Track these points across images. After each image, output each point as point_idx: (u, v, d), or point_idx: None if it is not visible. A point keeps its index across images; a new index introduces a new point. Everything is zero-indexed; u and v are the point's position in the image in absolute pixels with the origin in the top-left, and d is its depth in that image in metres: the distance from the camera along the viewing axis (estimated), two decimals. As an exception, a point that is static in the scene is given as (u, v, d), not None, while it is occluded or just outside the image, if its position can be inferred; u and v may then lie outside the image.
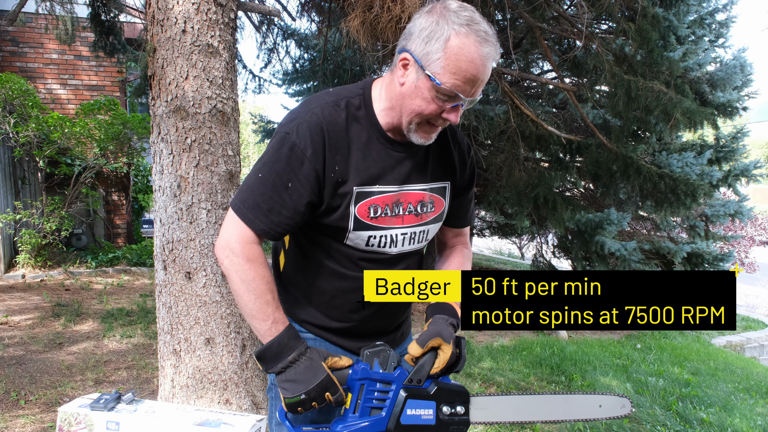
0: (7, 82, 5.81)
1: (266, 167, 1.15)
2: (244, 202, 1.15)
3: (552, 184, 6.63)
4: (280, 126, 1.19)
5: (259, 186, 1.14)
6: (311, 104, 1.18)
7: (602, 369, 4.56)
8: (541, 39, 5.00)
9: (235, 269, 1.14)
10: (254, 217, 1.13)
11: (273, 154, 1.14)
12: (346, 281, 1.27)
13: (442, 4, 1.10)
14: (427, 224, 1.30)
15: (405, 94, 1.13)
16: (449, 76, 1.06)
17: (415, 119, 1.15)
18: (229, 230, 1.15)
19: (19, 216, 6.02)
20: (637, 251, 6.82)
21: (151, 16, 2.32)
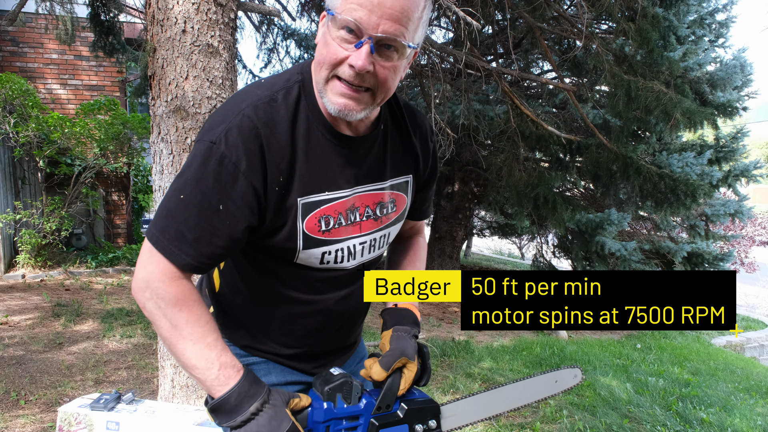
0: (7, 82, 5.81)
1: (189, 186, 0.90)
2: (164, 231, 0.91)
3: (552, 184, 6.63)
4: (202, 132, 0.94)
5: (182, 210, 0.90)
6: (241, 103, 0.94)
7: (602, 369, 4.56)
8: (541, 39, 5.00)
9: (161, 314, 0.92)
10: (178, 251, 0.91)
11: (197, 170, 0.90)
12: (299, 306, 1.10)
13: None
14: (387, 227, 1.14)
15: (317, 52, 0.94)
16: (344, 3, 0.87)
17: (321, 75, 0.93)
18: (147, 267, 0.92)
19: (19, 216, 6.03)
20: (637, 251, 6.83)
21: (151, 16, 2.32)
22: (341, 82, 0.92)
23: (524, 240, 11.87)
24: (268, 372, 1.15)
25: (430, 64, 5.85)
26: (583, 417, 3.36)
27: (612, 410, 3.56)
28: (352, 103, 0.93)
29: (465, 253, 13.90)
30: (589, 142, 5.95)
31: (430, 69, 5.42)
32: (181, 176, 0.93)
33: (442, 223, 8.56)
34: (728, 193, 8.59)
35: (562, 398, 3.72)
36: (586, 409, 3.53)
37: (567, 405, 3.57)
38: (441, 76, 5.19)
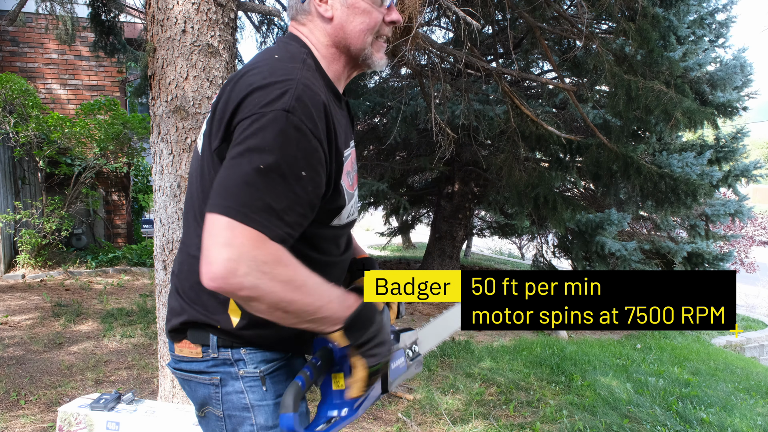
0: (7, 82, 5.81)
1: (269, 155, 0.88)
2: (248, 205, 0.86)
3: (552, 184, 6.64)
4: (267, 100, 0.91)
5: (265, 180, 0.87)
6: (287, 72, 0.96)
7: (602, 369, 4.56)
8: (541, 39, 5.00)
9: (269, 279, 0.86)
10: (268, 222, 0.87)
11: (276, 139, 0.88)
12: (335, 269, 1.14)
13: None
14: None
15: (342, 23, 1.04)
16: None
17: (368, 39, 1.05)
18: (234, 244, 0.85)
19: (19, 216, 6.03)
20: (637, 251, 6.83)
21: (151, 16, 2.32)
22: (381, 41, 1.08)
23: (524, 240, 11.87)
24: (287, 377, 1.12)
25: (430, 64, 5.85)
26: (583, 417, 3.36)
27: (612, 410, 3.56)
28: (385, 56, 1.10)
29: (465, 253, 13.90)
30: (589, 142, 5.96)
31: (430, 69, 5.42)
32: (254, 149, 0.88)
33: (442, 223, 8.56)
34: (728, 193, 8.60)
35: (562, 398, 3.72)
36: (586, 409, 3.53)
37: (567, 405, 3.57)
38: (441, 76, 5.19)
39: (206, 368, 1.08)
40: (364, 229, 17.68)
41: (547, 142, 6.03)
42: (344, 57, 1.08)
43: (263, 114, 0.90)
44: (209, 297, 1.05)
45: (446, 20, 7.02)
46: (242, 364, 1.07)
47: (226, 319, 1.05)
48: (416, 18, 3.40)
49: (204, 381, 1.09)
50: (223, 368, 1.07)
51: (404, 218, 11.51)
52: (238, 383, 1.07)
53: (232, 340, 1.06)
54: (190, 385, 1.13)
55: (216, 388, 1.08)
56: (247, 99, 0.93)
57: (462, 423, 3.09)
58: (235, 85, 0.97)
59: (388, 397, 3.39)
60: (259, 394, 1.06)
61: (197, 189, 1.07)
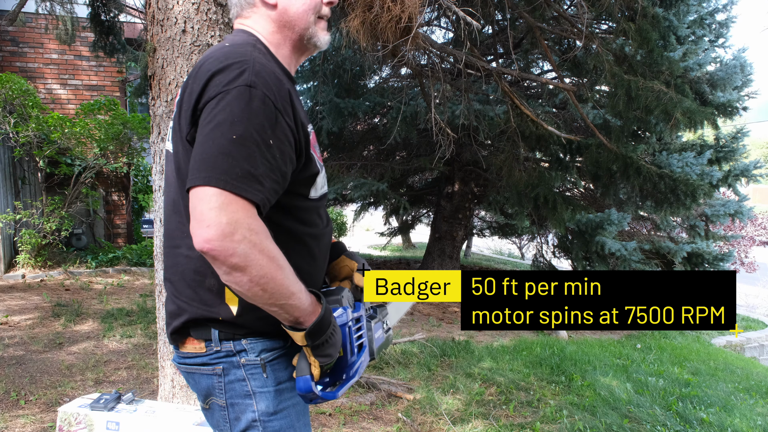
0: (7, 82, 5.81)
1: (240, 126, 0.93)
2: (229, 172, 0.91)
3: (552, 184, 6.64)
4: (228, 80, 0.97)
5: (241, 149, 0.92)
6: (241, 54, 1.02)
7: (602, 369, 4.56)
8: (541, 39, 5.01)
9: (258, 250, 0.91)
10: (249, 188, 0.92)
11: (244, 110, 0.94)
12: (322, 241, 1.19)
13: None
14: None
15: (286, 6, 1.13)
16: None
17: (311, 19, 1.14)
18: (229, 210, 0.90)
19: (19, 216, 6.03)
20: (637, 251, 6.83)
21: (151, 16, 2.32)
22: (322, 20, 1.17)
23: (524, 240, 11.87)
24: (287, 365, 1.16)
25: (430, 64, 5.85)
26: (583, 417, 3.36)
27: (612, 410, 3.56)
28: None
29: (465, 253, 13.90)
30: (589, 142, 5.96)
31: (430, 69, 5.42)
32: (223, 122, 0.94)
33: (442, 223, 8.56)
34: (728, 193, 8.60)
35: (562, 398, 3.72)
36: (586, 409, 3.53)
37: (567, 405, 3.57)
38: (441, 76, 5.19)
39: (209, 360, 1.11)
40: (364, 229, 17.67)
41: (547, 142, 6.03)
42: (290, 41, 1.16)
43: (227, 91, 0.96)
44: (206, 291, 1.08)
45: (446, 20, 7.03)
46: (244, 353, 1.10)
47: (225, 310, 1.08)
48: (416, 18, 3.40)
49: (207, 372, 1.12)
50: (225, 359, 1.10)
51: (404, 218, 11.52)
52: (239, 371, 1.10)
53: (233, 332, 1.09)
54: (194, 377, 1.15)
55: (219, 377, 1.11)
56: (209, 83, 0.99)
57: (462, 423, 3.09)
58: (195, 77, 1.03)
59: (388, 397, 3.40)
60: (260, 381, 1.10)
61: (176, 189, 1.11)
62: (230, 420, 1.12)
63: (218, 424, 1.15)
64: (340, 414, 3.07)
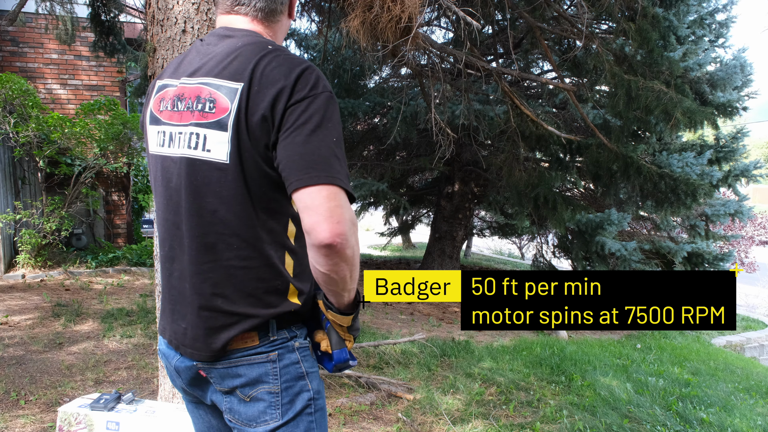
0: (7, 82, 5.81)
1: (337, 129, 1.05)
2: (342, 173, 1.03)
3: (552, 184, 6.64)
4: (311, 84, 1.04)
5: (341, 151, 1.05)
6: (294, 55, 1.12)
7: (602, 369, 4.56)
8: (541, 39, 5.00)
9: (357, 242, 1.06)
10: (350, 189, 1.05)
11: (334, 114, 1.05)
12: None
13: None
14: None
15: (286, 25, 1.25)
16: None
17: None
18: (348, 209, 1.02)
19: (19, 216, 6.02)
20: (637, 251, 6.83)
21: (151, 16, 2.32)
22: None
23: (524, 240, 11.87)
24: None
25: (430, 64, 5.85)
26: (583, 417, 3.36)
27: (612, 410, 3.56)
28: None
29: (465, 253, 13.90)
30: (589, 142, 5.96)
31: (430, 69, 5.42)
32: (321, 123, 1.01)
33: (442, 223, 8.56)
34: (728, 193, 8.60)
35: (562, 398, 3.72)
36: (586, 409, 3.53)
37: (567, 405, 3.57)
38: (441, 76, 5.19)
39: (264, 349, 1.14)
40: (364, 229, 17.68)
41: (547, 142, 6.03)
42: None
43: (316, 96, 1.03)
44: (271, 294, 1.14)
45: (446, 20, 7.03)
46: (296, 338, 1.18)
47: (289, 305, 1.16)
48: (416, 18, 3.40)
49: (260, 360, 1.14)
50: (281, 345, 1.16)
51: (404, 218, 11.52)
52: (294, 355, 1.17)
53: (290, 321, 1.17)
54: (240, 370, 1.14)
55: (273, 364, 1.14)
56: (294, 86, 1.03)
57: (462, 423, 3.09)
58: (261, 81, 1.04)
59: (388, 397, 3.40)
60: (310, 362, 1.19)
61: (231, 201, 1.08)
62: (282, 405, 1.14)
63: (260, 415, 1.14)
64: (340, 414, 3.07)
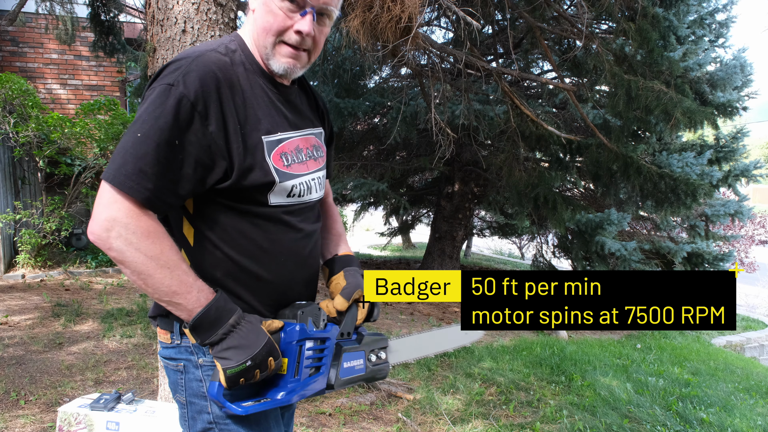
0: (7, 82, 5.81)
1: (147, 125, 0.94)
2: (121, 168, 0.93)
3: (552, 184, 6.64)
4: (158, 77, 1.00)
5: (140, 147, 0.94)
6: (191, 54, 1.02)
7: (602, 369, 4.56)
8: (541, 39, 5.00)
9: (134, 249, 0.94)
10: (137, 185, 0.93)
11: (155, 110, 0.95)
12: (289, 252, 1.15)
13: None
14: (323, 169, 1.26)
15: (256, 18, 1.08)
16: None
17: (269, 40, 1.07)
18: (112, 207, 0.94)
19: (19, 216, 6.02)
20: (637, 251, 6.83)
21: (151, 16, 2.32)
22: (287, 46, 1.08)
23: (524, 240, 11.86)
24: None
25: (430, 64, 5.85)
26: (583, 417, 3.36)
27: (612, 410, 3.56)
28: (297, 62, 1.10)
29: (465, 253, 13.90)
30: (589, 142, 5.96)
31: (430, 69, 5.42)
32: (137, 120, 0.96)
33: (442, 223, 8.56)
34: (728, 193, 8.60)
35: (562, 398, 3.72)
36: (586, 409, 3.53)
37: (567, 405, 3.57)
38: (441, 76, 5.19)
39: (174, 354, 1.13)
40: (364, 229, 17.67)
41: (547, 142, 6.03)
42: (261, 50, 1.11)
43: (153, 89, 0.99)
44: None
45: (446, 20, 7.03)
46: (201, 353, 1.09)
47: None
48: (416, 18, 3.40)
49: (172, 367, 1.14)
50: (185, 355, 1.11)
51: (404, 218, 11.51)
52: (197, 371, 1.10)
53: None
54: (167, 372, 1.17)
55: (181, 374, 1.12)
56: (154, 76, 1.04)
57: (462, 423, 3.09)
58: None
59: (388, 397, 3.39)
60: None
61: None
62: (188, 418, 1.12)
63: (180, 422, 1.15)
64: (340, 414, 3.07)
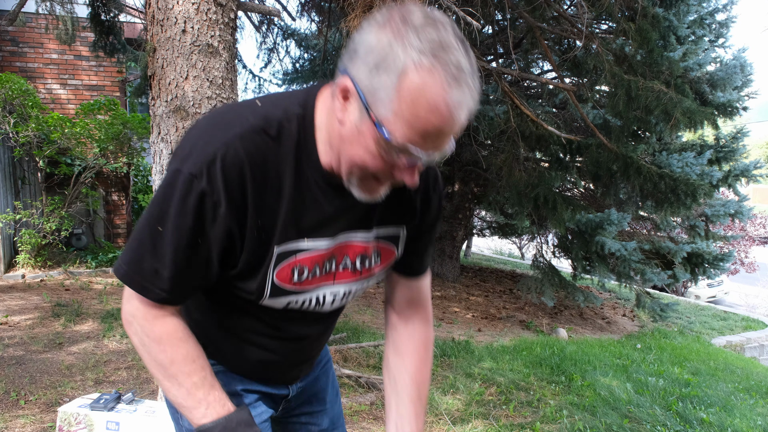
0: (7, 82, 5.81)
1: (166, 220, 0.83)
2: (137, 266, 0.86)
3: (552, 184, 6.64)
4: (183, 156, 0.83)
5: (158, 245, 0.84)
6: (228, 129, 0.83)
7: (602, 369, 4.56)
8: (541, 39, 5.00)
9: (146, 350, 0.90)
10: (152, 286, 0.86)
11: (176, 204, 0.82)
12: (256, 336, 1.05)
13: (400, 11, 0.75)
14: (367, 279, 1.03)
15: (344, 136, 0.81)
16: (402, 127, 0.74)
17: (355, 172, 0.83)
18: (132, 302, 0.90)
19: (19, 216, 6.02)
20: (637, 251, 6.83)
21: (151, 16, 2.32)
22: (377, 182, 0.85)
23: (524, 240, 11.88)
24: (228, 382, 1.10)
25: (430, 64, 5.83)
26: (583, 417, 3.36)
27: (612, 410, 3.56)
28: (383, 193, 0.89)
29: (465, 253, 13.90)
30: (589, 142, 5.96)
31: (430, 69, 5.41)
32: (156, 205, 0.84)
33: (442, 223, 8.56)
34: (728, 193, 8.61)
35: (562, 398, 3.72)
36: (586, 409, 3.53)
37: (567, 405, 3.57)
38: (441, 76, 5.18)
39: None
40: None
41: (547, 142, 6.03)
42: (335, 160, 0.87)
43: (175, 169, 0.84)
44: None
45: (446, 20, 7.01)
46: None
47: None
48: (416, 18, 3.39)
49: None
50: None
51: (404, 218, 11.49)
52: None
53: None
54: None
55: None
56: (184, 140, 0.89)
57: (462, 423, 3.09)
58: None
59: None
60: None
61: None
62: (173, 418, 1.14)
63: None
64: (340, 414, 3.07)
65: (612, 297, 10.30)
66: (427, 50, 0.71)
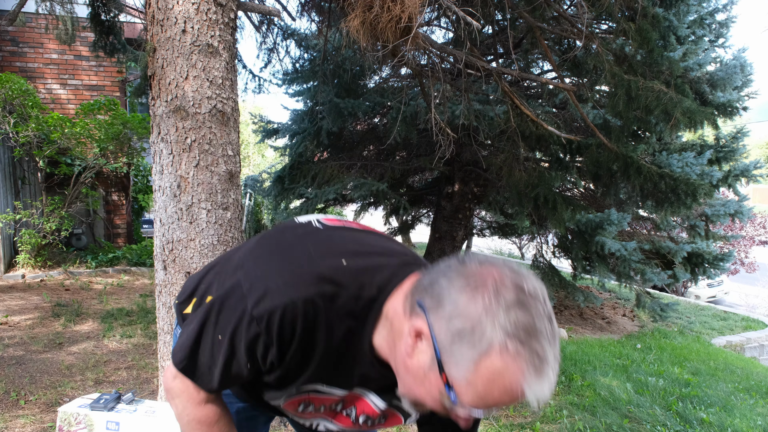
0: (7, 82, 5.81)
1: (224, 336, 0.89)
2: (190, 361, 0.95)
3: (552, 184, 6.63)
4: (248, 290, 0.86)
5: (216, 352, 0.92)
6: (301, 285, 0.84)
7: (602, 369, 4.56)
8: (541, 39, 5.00)
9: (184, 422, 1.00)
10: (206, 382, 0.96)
11: (232, 335, 0.88)
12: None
13: (494, 279, 0.73)
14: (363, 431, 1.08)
15: (409, 368, 0.80)
16: (472, 397, 0.73)
17: (411, 399, 0.85)
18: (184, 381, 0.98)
19: (19, 216, 6.02)
20: (637, 251, 6.83)
21: (151, 16, 2.32)
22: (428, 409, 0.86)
23: (524, 240, 11.87)
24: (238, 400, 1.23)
25: (430, 64, 5.84)
26: (583, 417, 3.36)
27: (612, 410, 3.56)
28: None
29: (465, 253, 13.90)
30: (589, 142, 5.96)
31: (430, 69, 5.42)
32: (217, 313, 0.90)
33: (442, 223, 8.56)
34: (728, 193, 8.60)
35: (562, 398, 3.72)
36: (586, 409, 3.53)
37: (567, 405, 3.57)
38: (441, 76, 5.19)
39: None
40: (364, 229, 17.66)
41: (547, 142, 6.03)
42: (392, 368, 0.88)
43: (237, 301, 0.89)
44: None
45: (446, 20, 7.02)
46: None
47: None
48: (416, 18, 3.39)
49: None
50: None
51: (404, 218, 11.51)
52: None
53: None
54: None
55: None
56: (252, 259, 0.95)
57: (462, 423, 3.09)
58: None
59: (388, 397, 3.39)
60: None
61: None
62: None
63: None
64: (340, 414, 3.07)
65: (612, 297, 10.30)
66: (513, 334, 0.69)
